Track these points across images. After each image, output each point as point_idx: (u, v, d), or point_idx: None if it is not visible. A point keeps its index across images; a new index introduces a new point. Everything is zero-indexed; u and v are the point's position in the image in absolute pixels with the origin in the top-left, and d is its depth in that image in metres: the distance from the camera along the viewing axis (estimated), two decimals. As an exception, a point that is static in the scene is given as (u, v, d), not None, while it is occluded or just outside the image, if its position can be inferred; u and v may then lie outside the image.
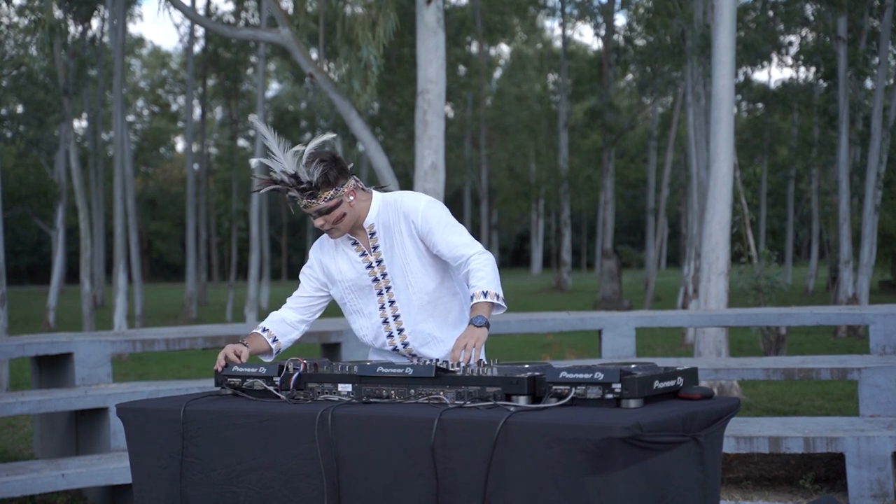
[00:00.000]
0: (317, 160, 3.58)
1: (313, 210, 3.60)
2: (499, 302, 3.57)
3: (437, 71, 10.08)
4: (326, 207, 3.59)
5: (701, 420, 2.99)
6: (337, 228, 3.64)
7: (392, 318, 3.70)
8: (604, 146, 29.32)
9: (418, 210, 3.64)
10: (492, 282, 3.57)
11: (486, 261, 3.60)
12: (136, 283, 21.51)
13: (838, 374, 6.15)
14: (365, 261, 3.70)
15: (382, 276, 3.69)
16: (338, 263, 3.75)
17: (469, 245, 3.63)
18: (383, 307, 3.71)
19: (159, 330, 7.49)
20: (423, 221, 3.63)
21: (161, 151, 52.70)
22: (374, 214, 3.69)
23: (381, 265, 3.69)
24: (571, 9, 31.67)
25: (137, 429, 3.40)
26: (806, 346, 13.66)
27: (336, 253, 3.76)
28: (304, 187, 3.56)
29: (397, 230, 3.66)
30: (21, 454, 7.28)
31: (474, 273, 3.58)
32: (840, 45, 16.38)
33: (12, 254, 41.45)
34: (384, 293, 3.70)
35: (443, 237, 3.62)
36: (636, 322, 7.16)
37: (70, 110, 19.84)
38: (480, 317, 3.49)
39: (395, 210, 3.68)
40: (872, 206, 15.90)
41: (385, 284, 3.69)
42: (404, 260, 3.66)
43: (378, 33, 10.20)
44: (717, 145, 9.30)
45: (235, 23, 28.69)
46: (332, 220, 3.61)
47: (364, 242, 3.71)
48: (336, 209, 3.60)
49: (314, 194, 3.58)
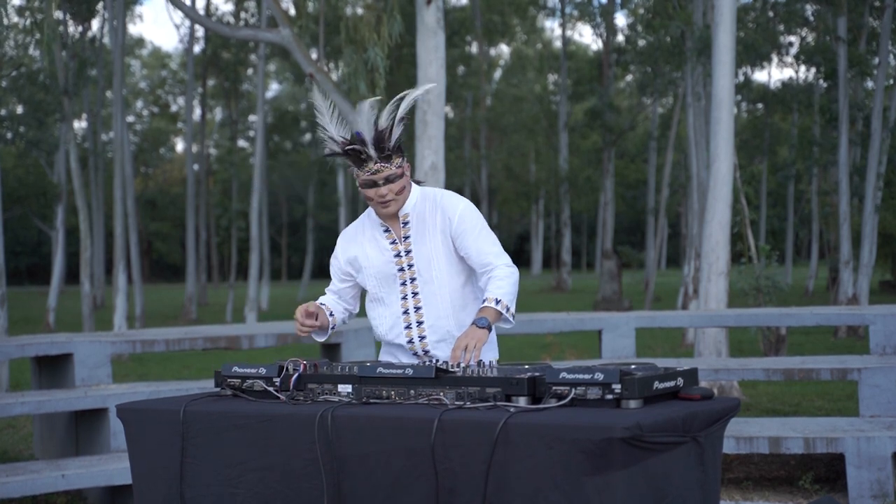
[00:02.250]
0: (403, 124, 3.51)
1: (382, 176, 3.52)
2: (506, 315, 3.54)
3: (437, 71, 10.09)
4: (396, 174, 3.53)
5: (701, 420, 2.99)
6: (396, 200, 3.57)
7: (413, 309, 3.65)
8: (604, 146, 29.32)
9: (457, 209, 3.61)
10: (507, 294, 3.54)
11: (510, 274, 3.58)
12: (136, 283, 21.52)
13: (838, 375, 6.15)
14: (394, 249, 3.66)
15: (409, 266, 3.65)
16: (365, 250, 3.70)
17: (498, 255, 3.61)
18: (405, 298, 3.66)
19: (159, 330, 7.48)
20: (460, 221, 3.60)
21: (161, 152, 52.72)
22: (412, 204, 3.65)
23: (409, 255, 3.64)
24: (571, 9, 31.67)
25: (137, 429, 3.40)
26: (806, 346, 13.66)
27: (364, 240, 3.72)
28: (385, 148, 3.49)
29: (431, 223, 3.62)
30: (21, 455, 7.28)
31: (494, 281, 3.56)
32: (840, 45, 16.39)
33: (12, 254, 41.44)
34: (408, 284, 3.66)
35: (475, 241, 3.60)
36: (636, 322, 7.16)
37: (70, 111, 19.84)
38: (484, 318, 3.48)
39: (432, 203, 3.64)
40: (872, 206, 15.90)
41: (410, 275, 3.65)
42: (433, 254, 3.62)
43: (383, 34, 10.20)
44: (717, 145, 9.30)
45: (235, 23, 28.69)
46: (396, 189, 3.55)
47: (396, 230, 3.66)
48: (400, 179, 3.55)
49: (389, 158, 3.52)
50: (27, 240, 43.62)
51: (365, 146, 3.51)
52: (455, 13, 31.82)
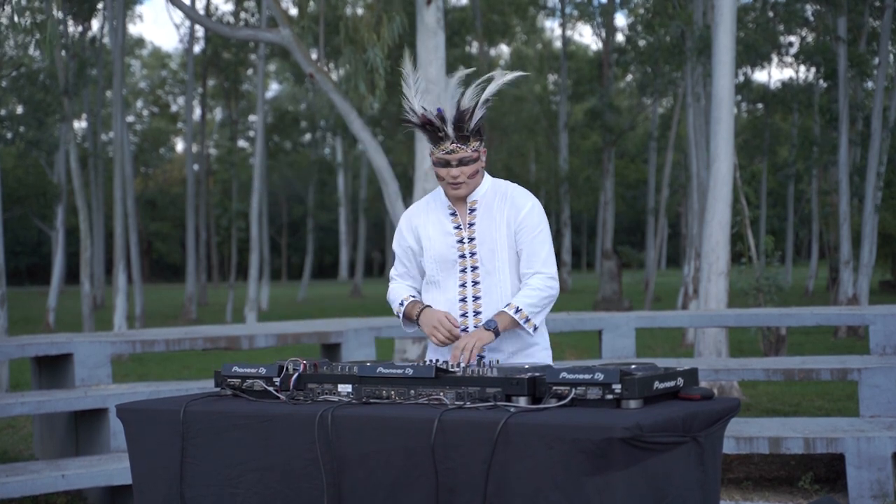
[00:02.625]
0: (486, 108, 3.47)
1: (457, 157, 3.49)
2: (524, 325, 3.49)
3: (437, 71, 10.09)
4: (469, 158, 3.50)
5: (701, 420, 2.99)
6: (467, 184, 3.54)
7: (472, 298, 3.60)
8: (604, 146, 29.32)
9: (526, 204, 3.58)
10: (531, 305, 3.50)
11: (545, 287, 3.53)
12: (136, 283, 21.51)
13: (838, 375, 6.15)
14: (458, 234, 3.61)
15: (471, 254, 3.60)
16: (428, 231, 3.66)
17: (544, 263, 3.56)
18: (464, 285, 3.61)
19: (159, 331, 7.48)
20: (526, 216, 3.56)
21: (161, 152, 52.72)
22: (482, 192, 3.61)
23: (472, 243, 3.59)
24: (571, 9, 31.66)
25: (137, 429, 3.39)
26: (806, 346, 13.66)
27: (428, 220, 3.67)
28: (464, 129, 3.45)
29: (499, 214, 3.58)
30: (21, 455, 7.28)
31: (526, 288, 3.53)
32: (840, 45, 16.38)
33: (12, 254, 41.44)
34: (468, 272, 3.61)
35: (531, 241, 3.56)
36: (636, 322, 7.15)
37: (70, 111, 19.84)
38: (493, 321, 3.47)
39: (503, 194, 3.60)
40: (872, 206, 15.90)
41: (472, 263, 3.60)
42: (497, 245, 3.57)
43: (382, 34, 10.20)
44: (717, 145, 9.30)
45: (235, 23, 28.69)
46: (469, 173, 3.52)
47: (462, 215, 3.62)
48: (474, 163, 3.52)
49: (467, 140, 3.48)
50: (27, 240, 43.64)
51: (444, 124, 3.47)
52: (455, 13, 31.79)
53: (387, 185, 10.32)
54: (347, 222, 41.00)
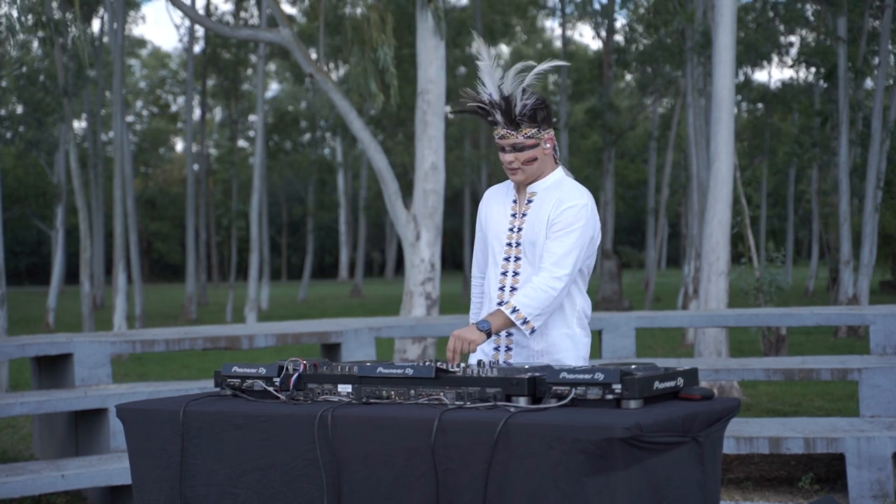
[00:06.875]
0: (534, 93, 3.45)
1: (509, 143, 3.49)
2: (522, 327, 3.46)
3: (437, 71, 10.09)
4: (522, 144, 3.48)
5: (701, 420, 2.99)
6: (522, 170, 3.53)
7: (509, 288, 3.58)
8: (604, 146, 29.30)
9: (570, 201, 3.53)
10: (529, 306, 3.44)
11: (548, 287, 3.46)
12: (136, 283, 21.51)
13: (838, 375, 6.15)
14: (511, 222, 3.61)
15: (516, 244, 3.58)
16: (492, 210, 3.67)
17: (557, 262, 3.48)
18: (505, 273, 3.60)
19: (159, 330, 7.47)
20: (563, 212, 3.51)
21: (161, 152, 52.71)
22: (546, 185, 3.59)
23: (519, 233, 3.58)
24: (571, 9, 31.66)
25: (137, 429, 3.39)
26: (806, 346, 13.66)
27: (496, 202, 3.68)
28: (512, 114, 3.44)
29: (547, 208, 3.55)
30: (21, 455, 7.28)
31: (528, 287, 3.48)
32: (840, 45, 16.38)
33: (12, 254, 41.45)
34: (511, 261, 3.60)
35: (554, 236, 3.51)
36: (636, 322, 7.16)
37: (70, 111, 19.83)
38: (486, 322, 3.45)
39: (558, 190, 3.57)
40: (872, 206, 15.90)
41: (515, 253, 3.59)
42: (537, 238, 3.54)
43: (388, 33, 10.21)
44: (717, 145, 9.30)
45: (235, 23, 28.69)
46: (524, 159, 3.50)
47: (520, 203, 3.62)
48: (530, 150, 3.50)
49: (517, 126, 3.47)
50: (27, 240, 43.63)
51: (494, 109, 3.47)
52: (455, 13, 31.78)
53: (387, 185, 10.32)
54: (347, 222, 40.99)
